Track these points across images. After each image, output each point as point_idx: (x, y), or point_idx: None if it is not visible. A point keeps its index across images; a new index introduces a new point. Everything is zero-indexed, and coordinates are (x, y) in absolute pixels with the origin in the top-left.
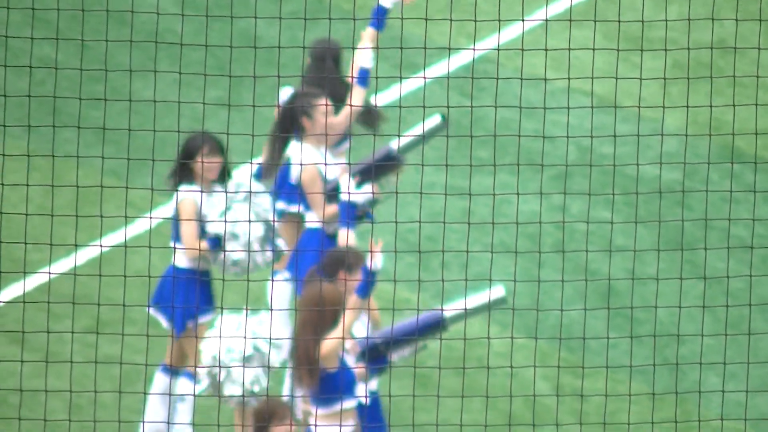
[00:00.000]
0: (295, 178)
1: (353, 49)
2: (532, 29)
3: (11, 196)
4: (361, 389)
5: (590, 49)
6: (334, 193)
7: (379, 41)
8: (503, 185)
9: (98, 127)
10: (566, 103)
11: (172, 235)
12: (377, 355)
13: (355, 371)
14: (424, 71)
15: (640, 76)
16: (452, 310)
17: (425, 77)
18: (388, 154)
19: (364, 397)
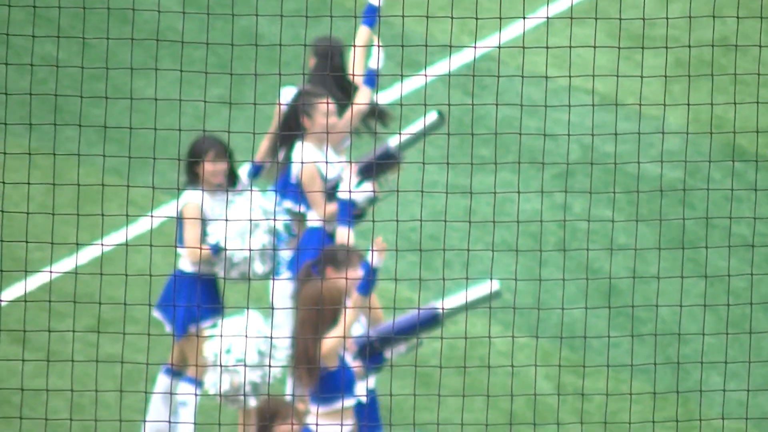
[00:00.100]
0: (294, 176)
1: (354, 47)
2: (534, 27)
3: (13, 194)
4: (359, 388)
5: (592, 46)
6: (333, 191)
7: (373, 39)
8: (505, 184)
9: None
10: (568, 101)
11: (176, 238)
12: (373, 352)
13: (353, 370)
14: (425, 69)
15: (641, 73)
16: (447, 305)
17: (426, 75)
18: (386, 152)
19: (363, 396)
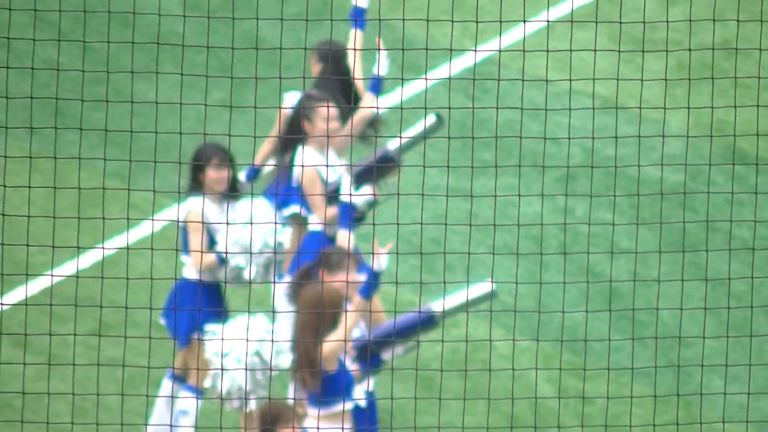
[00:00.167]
0: (295, 180)
1: (354, 50)
2: (535, 31)
3: (14, 197)
4: (358, 391)
5: (593, 50)
6: (334, 195)
7: (368, 42)
8: (506, 187)
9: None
10: (569, 104)
11: (181, 246)
12: (370, 354)
13: (352, 372)
14: (426, 73)
15: (642, 77)
16: (444, 306)
17: (427, 78)
18: (385, 155)
19: (362, 399)
